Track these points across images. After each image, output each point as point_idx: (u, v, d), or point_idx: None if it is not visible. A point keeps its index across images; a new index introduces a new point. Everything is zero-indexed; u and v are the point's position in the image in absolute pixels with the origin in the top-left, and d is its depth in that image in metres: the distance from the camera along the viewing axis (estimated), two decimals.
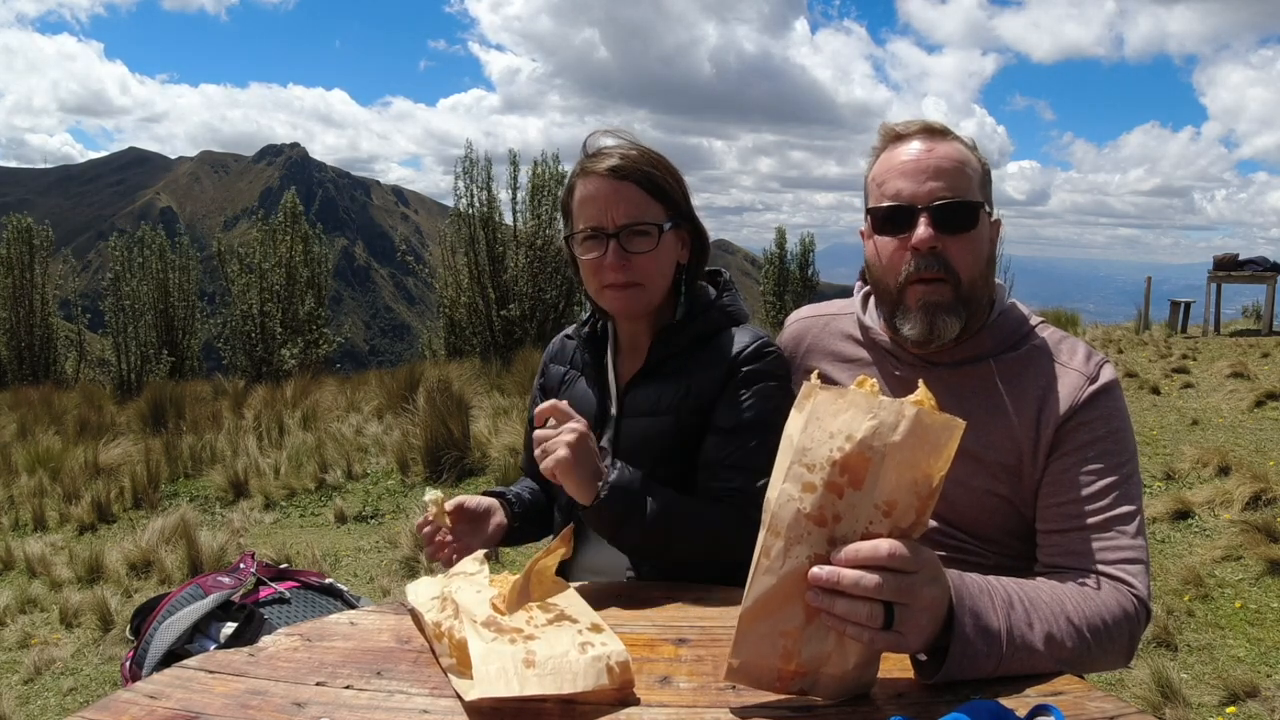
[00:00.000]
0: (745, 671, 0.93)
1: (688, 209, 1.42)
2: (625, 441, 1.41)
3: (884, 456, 0.87)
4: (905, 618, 0.89)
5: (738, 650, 0.93)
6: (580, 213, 1.38)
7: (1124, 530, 1.17)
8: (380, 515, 5.32)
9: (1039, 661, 1.00)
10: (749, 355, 1.37)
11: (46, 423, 8.49)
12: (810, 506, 0.89)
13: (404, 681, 0.99)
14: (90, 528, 5.49)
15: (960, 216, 1.23)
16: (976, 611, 0.96)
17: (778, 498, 0.91)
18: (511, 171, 12.03)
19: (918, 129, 1.28)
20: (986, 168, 1.31)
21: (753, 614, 0.92)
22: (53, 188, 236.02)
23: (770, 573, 0.91)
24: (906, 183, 1.25)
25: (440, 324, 13.07)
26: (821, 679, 0.92)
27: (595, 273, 1.37)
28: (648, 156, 1.39)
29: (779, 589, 0.90)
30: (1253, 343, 9.25)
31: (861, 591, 0.87)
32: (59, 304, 13.69)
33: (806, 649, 0.91)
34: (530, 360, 8.71)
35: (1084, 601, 1.09)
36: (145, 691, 0.96)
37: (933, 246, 1.22)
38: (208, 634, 1.58)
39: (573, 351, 1.57)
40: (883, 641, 0.89)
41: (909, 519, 0.89)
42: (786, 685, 0.93)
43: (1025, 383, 1.27)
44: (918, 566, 0.89)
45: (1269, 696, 2.62)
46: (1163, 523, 4.13)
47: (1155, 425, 5.95)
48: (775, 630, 0.91)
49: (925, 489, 0.89)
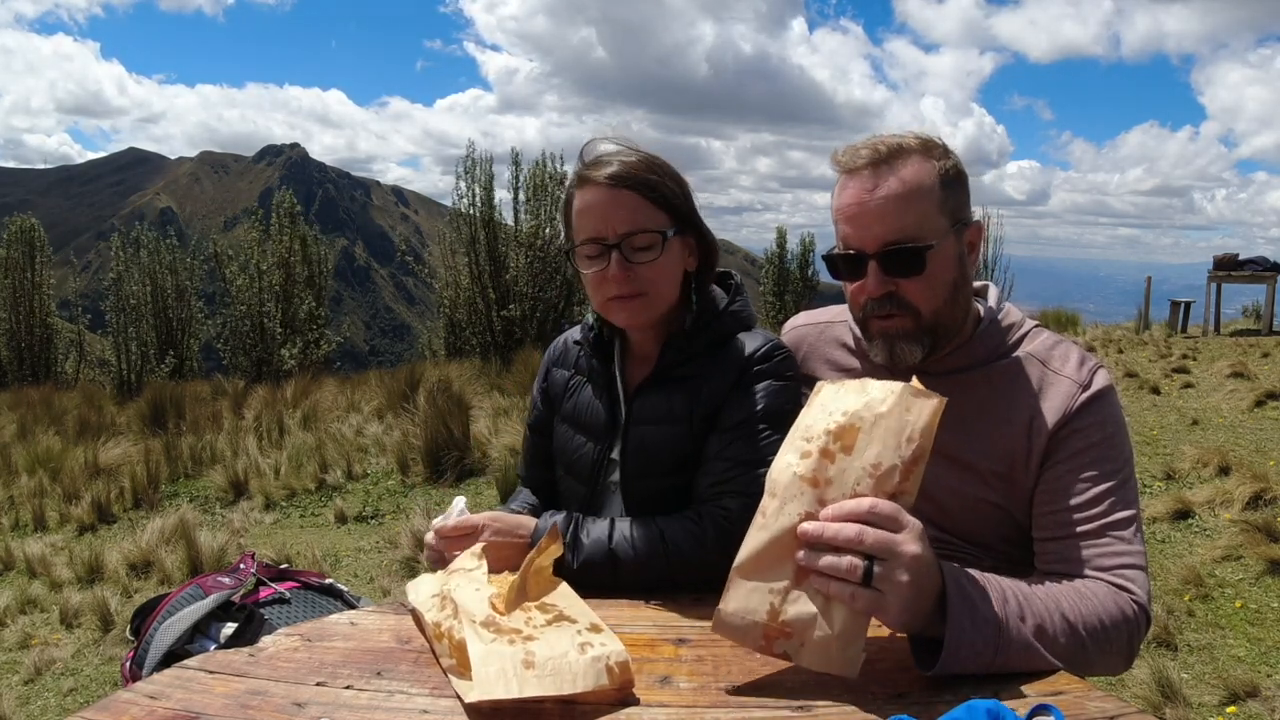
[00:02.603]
0: (732, 625, 0.97)
1: (692, 215, 1.37)
2: (633, 450, 1.38)
3: (873, 425, 0.97)
4: (885, 574, 0.91)
5: (727, 601, 0.97)
6: (580, 223, 1.33)
7: (1120, 535, 1.17)
8: (380, 515, 5.32)
9: (1035, 658, 1.00)
10: (760, 357, 1.35)
11: (46, 423, 8.49)
12: (805, 470, 0.97)
13: (404, 681, 0.99)
14: (90, 528, 5.49)
15: (908, 261, 1.20)
16: (971, 599, 0.97)
17: (777, 466, 1.00)
18: (512, 171, 12.04)
19: (864, 161, 1.22)
20: (953, 172, 1.23)
21: (745, 569, 0.97)
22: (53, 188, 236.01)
23: (764, 529, 0.97)
24: (853, 228, 1.23)
25: (440, 324, 13.08)
26: (806, 644, 0.95)
27: (599, 286, 1.32)
28: (648, 162, 1.34)
29: (772, 545, 0.96)
30: (1253, 343, 9.25)
31: (842, 542, 0.92)
32: (59, 304, 13.70)
33: (793, 609, 0.95)
34: (530, 360, 8.71)
35: (1080, 601, 1.09)
36: (145, 691, 0.96)
37: (886, 292, 1.22)
38: (208, 634, 1.57)
39: (577, 356, 1.52)
40: (863, 599, 0.92)
41: (893, 481, 0.95)
42: (770, 644, 0.96)
43: (1017, 391, 1.26)
44: (899, 525, 0.93)
45: (1269, 696, 2.62)
46: (1163, 523, 4.13)
47: (1155, 425, 5.95)
48: (765, 587, 0.96)
49: (909, 453, 0.95)
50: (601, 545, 1.26)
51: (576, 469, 1.46)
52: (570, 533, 1.27)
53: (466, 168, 11.89)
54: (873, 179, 1.21)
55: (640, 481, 1.38)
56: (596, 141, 1.38)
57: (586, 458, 1.44)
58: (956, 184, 1.24)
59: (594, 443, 1.44)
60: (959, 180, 1.24)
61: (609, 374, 1.45)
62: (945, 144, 1.26)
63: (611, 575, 1.24)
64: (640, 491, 1.38)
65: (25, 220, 13.07)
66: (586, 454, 1.44)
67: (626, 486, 1.39)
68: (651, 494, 1.37)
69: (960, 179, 1.25)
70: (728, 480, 1.29)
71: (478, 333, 12.07)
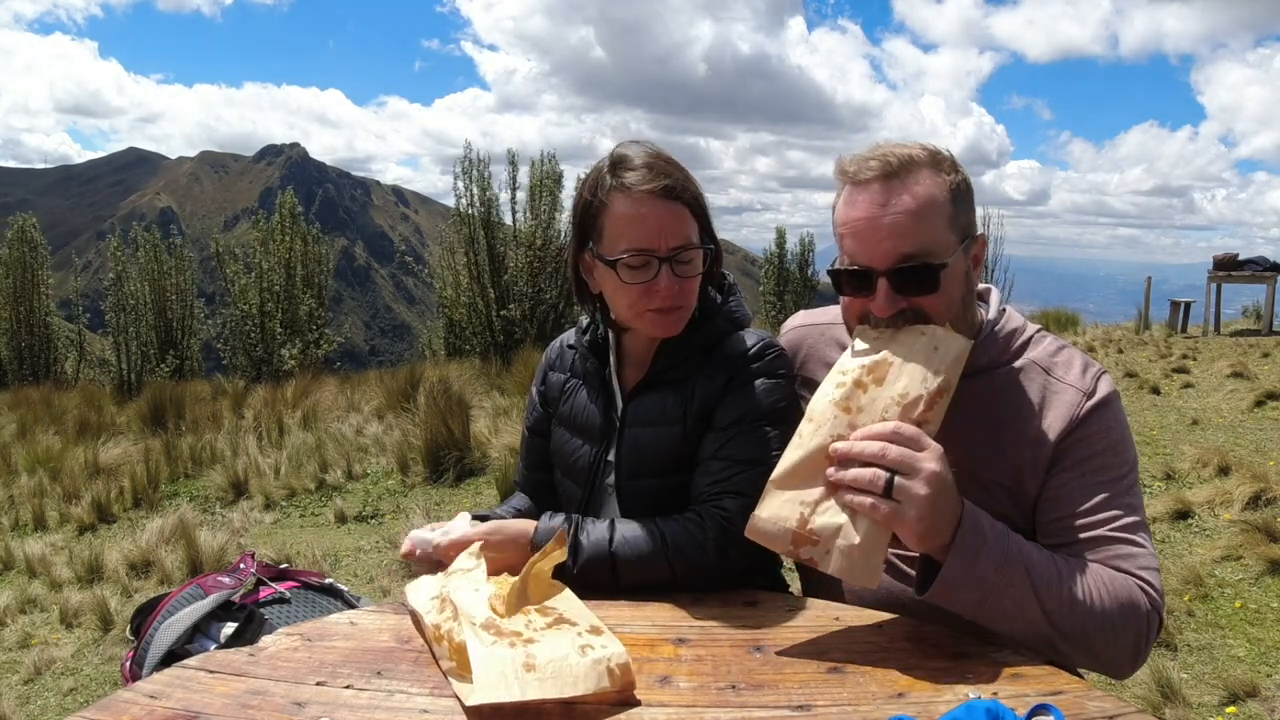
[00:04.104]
0: (763, 530, 1.08)
1: (711, 224, 1.37)
2: (628, 452, 1.39)
3: (903, 361, 1.10)
4: (905, 488, 1.02)
5: (761, 508, 1.09)
6: (624, 232, 1.28)
7: (1132, 539, 1.16)
8: (380, 515, 5.32)
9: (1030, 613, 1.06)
10: (753, 355, 1.36)
11: (46, 423, 8.49)
12: (839, 397, 1.10)
13: (404, 681, 0.99)
14: (90, 528, 5.49)
15: (922, 279, 1.16)
16: (983, 534, 1.07)
17: (815, 397, 1.13)
18: (511, 171, 12.03)
19: (874, 174, 1.17)
20: (962, 185, 1.20)
21: (780, 481, 1.09)
22: (53, 188, 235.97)
23: (800, 448, 1.10)
24: (861, 244, 1.18)
25: (440, 324, 13.06)
26: (831, 551, 1.05)
27: (641, 296, 1.29)
28: (686, 174, 1.32)
29: (805, 461, 1.08)
30: (1253, 343, 9.25)
31: (868, 457, 1.03)
32: (59, 304, 13.69)
33: (821, 519, 1.06)
34: (530, 360, 8.70)
35: (1097, 580, 1.10)
36: (145, 691, 0.96)
37: (897, 311, 1.17)
38: (208, 634, 1.57)
39: (573, 359, 1.53)
40: (885, 509, 1.02)
41: (918, 409, 1.07)
42: (798, 549, 1.06)
43: (1021, 400, 1.25)
44: (921, 446, 1.04)
45: (1269, 696, 2.61)
46: (1163, 523, 4.13)
47: (1155, 425, 5.95)
48: (797, 498, 1.07)
49: (935, 385, 1.08)
50: (602, 547, 1.26)
51: (573, 471, 1.47)
52: (570, 535, 1.27)
53: (465, 168, 11.89)
54: (884, 193, 1.16)
55: (636, 483, 1.38)
56: (629, 145, 1.34)
57: (583, 460, 1.44)
58: (965, 199, 1.21)
59: (590, 445, 1.44)
60: (967, 195, 1.21)
61: (604, 377, 1.45)
62: (952, 156, 1.21)
63: (612, 577, 1.25)
64: (636, 493, 1.38)
65: (25, 220, 13.06)
66: (583, 456, 1.44)
67: (622, 488, 1.39)
68: (647, 495, 1.37)
69: (968, 193, 1.22)
70: (725, 480, 1.29)
71: (477, 333, 12.06)
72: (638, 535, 1.27)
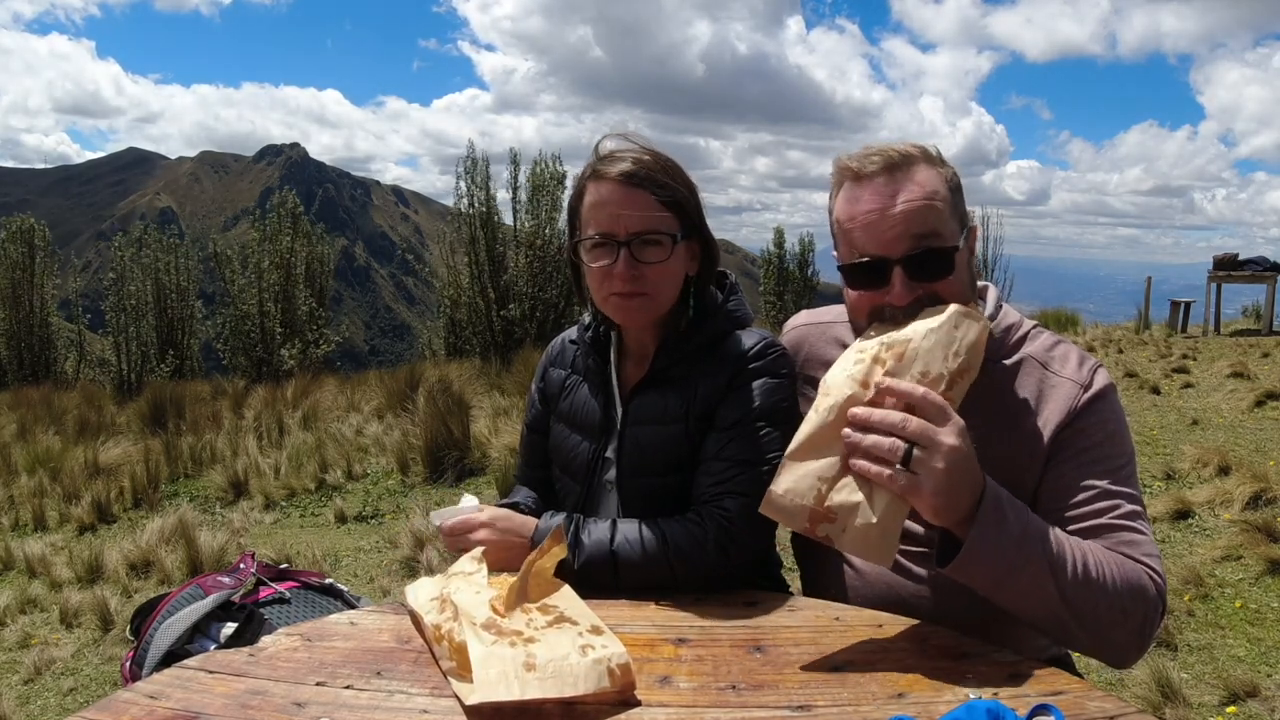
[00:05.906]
0: (780, 506, 1.06)
1: (700, 220, 1.37)
2: (629, 450, 1.39)
3: (924, 339, 1.08)
4: (923, 460, 1.00)
5: (777, 483, 1.06)
6: (590, 217, 1.33)
7: (1133, 527, 1.17)
8: (380, 515, 5.32)
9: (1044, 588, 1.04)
10: (754, 355, 1.35)
11: (46, 423, 8.49)
12: (858, 372, 1.08)
13: (404, 681, 0.99)
14: (90, 528, 5.49)
15: (938, 262, 1.18)
16: (1003, 510, 1.05)
17: (833, 372, 1.11)
18: (511, 171, 12.03)
19: (878, 168, 1.20)
20: (955, 177, 1.24)
21: (797, 454, 1.07)
22: (52, 188, 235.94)
23: (814, 420, 1.07)
24: (871, 235, 1.19)
25: (440, 324, 13.07)
26: (848, 529, 1.03)
27: (603, 281, 1.33)
28: (663, 163, 1.34)
29: (822, 431, 1.06)
30: (1253, 343, 9.25)
31: (888, 427, 1.01)
32: (59, 304, 13.69)
33: (839, 496, 1.04)
34: (530, 360, 8.70)
35: (1107, 560, 1.10)
36: (145, 691, 0.96)
37: (914, 299, 1.18)
38: (208, 634, 1.57)
39: (574, 356, 1.53)
40: (902, 480, 1.00)
41: (940, 388, 1.05)
42: (814, 526, 1.04)
43: (1018, 394, 1.26)
44: (944, 419, 1.02)
45: (1269, 696, 2.61)
46: (1163, 523, 4.12)
47: (1155, 425, 5.95)
48: (814, 474, 1.05)
49: (956, 365, 1.07)
50: (603, 546, 1.26)
51: (572, 468, 1.47)
52: (571, 533, 1.27)
53: (466, 168, 11.89)
54: (890, 185, 1.19)
55: (635, 480, 1.38)
56: (612, 137, 1.38)
57: (582, 457, 1.44)
58: (959, 190, 1.25)
59: (589, 442, 1.44)
60: (960, 187, 1.26)
61: (605, 373, 1.45)
62: (940, 152, 1.26)
63: (613, 576, 1.25)
64: (636, 490, 1.38)
65: (25, 220, 13.05)
66: (582, 453, 1.45)
67: (622, 485, 1.39)
68: (647, 493, 1.37)
69: (960, 186, 1.27)
70: (727, 480, 1.29)
71: (478, 333, 12.07)
72: (639, 535, 1.27)
